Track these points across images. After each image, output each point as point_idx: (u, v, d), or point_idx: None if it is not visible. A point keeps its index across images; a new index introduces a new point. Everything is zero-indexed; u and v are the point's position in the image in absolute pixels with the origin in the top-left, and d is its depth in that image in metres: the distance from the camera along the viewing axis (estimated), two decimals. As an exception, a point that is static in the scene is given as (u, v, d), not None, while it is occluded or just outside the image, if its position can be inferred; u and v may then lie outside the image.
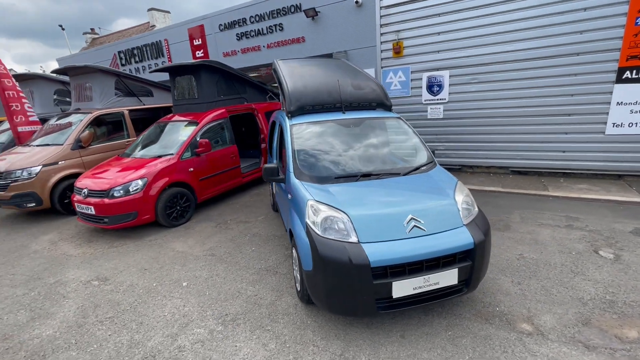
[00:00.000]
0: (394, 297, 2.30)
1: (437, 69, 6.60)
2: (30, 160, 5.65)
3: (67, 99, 8.36)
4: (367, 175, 3.05)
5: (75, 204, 4.84)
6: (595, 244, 3.69)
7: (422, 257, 2.32)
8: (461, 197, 2.78)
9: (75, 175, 5.73)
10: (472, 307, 2.77)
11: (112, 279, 3.57)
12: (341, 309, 2.40)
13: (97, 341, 2.60)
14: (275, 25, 8.24)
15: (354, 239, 2.37)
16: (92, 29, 23.96)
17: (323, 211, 2.53)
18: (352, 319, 2.67)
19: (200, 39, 9.59)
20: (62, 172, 5.78)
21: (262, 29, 8.44)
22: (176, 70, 6.26)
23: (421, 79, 6.79)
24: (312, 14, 7.45)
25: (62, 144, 5.94)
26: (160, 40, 10.53)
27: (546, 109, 5.92)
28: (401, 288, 2.30)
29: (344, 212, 2.49)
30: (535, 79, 5.86)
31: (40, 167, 5.58)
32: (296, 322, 2.69)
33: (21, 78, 8.05)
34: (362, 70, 4.58)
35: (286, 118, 3.75)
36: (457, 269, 2.40)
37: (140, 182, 4.68)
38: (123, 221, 4.61)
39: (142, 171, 4.81)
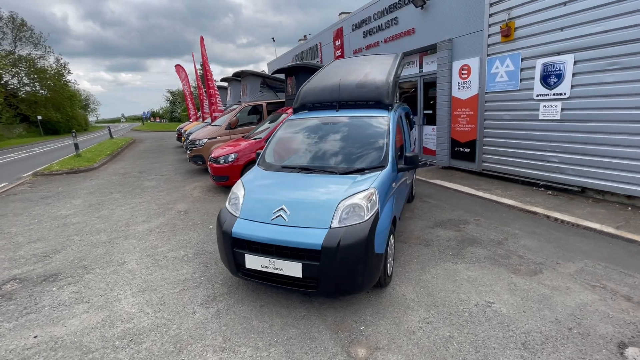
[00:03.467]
0: (246, 267, 2.76)
1: (558, 53, 4.89)
2: (203, 134, 8.89)
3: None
4: (307, 169, 3.36)
5: (208, 165, 7.39)
6: (642, 338, 2.28)
7: (271, 241, 2.63)
8: (351, 202, 2.68)
9: (221, 147, 8.49)
10: (343, 316, 2.69)
11: (190, 213, 5.57)
12: (224, 263, 3.07)
13: (154, 240, 4.49)
14: (391, 19, 8.26)
15: (237, 213, 2.96)
16: (305, 36, 30.27)
17: (235, 188, 3.23)
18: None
19: (339, 40, 10.86)
20: (217, 144, 8.71)
21: (381, 24, 8.66)
22: (287, 71, 7.82)
23: (534, 67, 5.22)
24: (420, 3, 7.04)
25: (220, 126, 8.90)
26: (316, 44, 12.62)
27: None
28: (252, 261, 2.72)
29: (244, 193, 3.08)
30: None
31: (206, 139, 8.69)
32: (224, 268, 3.56)
33: (224, 80, 12.15)
34: (393, 67, 4.36)
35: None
36: (301, 264, 2.53)
37: (232, 156, 6.59)
38: (220, 181, 6.70)
39: (238, 148, 6.71)
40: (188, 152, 9.25)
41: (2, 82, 36.87)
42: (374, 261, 2.62)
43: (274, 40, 23.92)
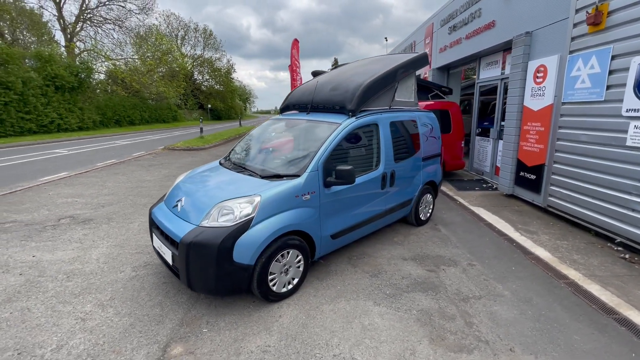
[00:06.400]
0: (153, 244, 3.12)
1: (664, 48, 3.16)
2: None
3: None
4: (244, 168, 3.44)
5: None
6: None
7: (160, 225, 2.93)
8: (227, 204, 2.68)
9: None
10: (204, 315, 2.72)
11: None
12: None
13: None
14: (475, 11, 6.91)
15: (165, 197, 3.35)
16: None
17: (180, 176, 3.62)
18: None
19: (429, 37, 9.80)
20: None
21: (465, 18, 7.37)
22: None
23: (627, 68, 3.55)
24: (501, -12, 5.67)
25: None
26: (411, 43, 11.74)
27: None
28: (155, 240, 3.06)
29: (178, 180, 3.45)
30: None
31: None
32: (181, 245, 4.04)
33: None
34: (386, 68, 3.83)
35: None
36: (171, 252, 2.71)
37: (271, 150, 7.09)
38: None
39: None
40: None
41: (193, 78, 49.57)
42: (230, 269, 2.53)
43: (386, 40, 23.34)
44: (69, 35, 28.00)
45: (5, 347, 2.31)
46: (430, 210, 4.80)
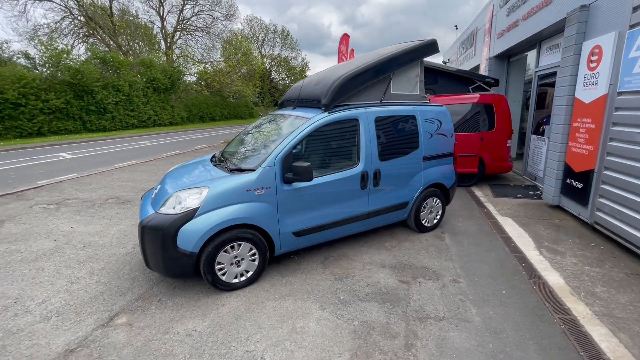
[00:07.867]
0: (141, 228, 3.53)
1: None
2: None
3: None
4: (221, 160, 3.63)
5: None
6: None
7: (140, 210, 3.27)
8: (180, 194, 2.87)
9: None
10: (161, 293, 2.98)
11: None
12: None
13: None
14: (533, -14, 5.82)
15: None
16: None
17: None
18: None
19: (489, 22, 8.62)
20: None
21: (524, -5, 6.26)
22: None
23: (695, 44, 2.58)
24: (557, -45, 4.65)
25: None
26: (473, 29, 10.48)
27: None
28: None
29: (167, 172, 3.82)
30: None
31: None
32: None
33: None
34: (376, 58, 3.55)
35: None
36: (138, 234, 3.03)
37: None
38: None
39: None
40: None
41: (270, 77, 53.11)
42: (174, 254, 2.71)
43: (456, 28, 21.05)
44: (168, 44, 32.71)
45: (10, 295, 2.91)
46: (438, 217, 4.30)
